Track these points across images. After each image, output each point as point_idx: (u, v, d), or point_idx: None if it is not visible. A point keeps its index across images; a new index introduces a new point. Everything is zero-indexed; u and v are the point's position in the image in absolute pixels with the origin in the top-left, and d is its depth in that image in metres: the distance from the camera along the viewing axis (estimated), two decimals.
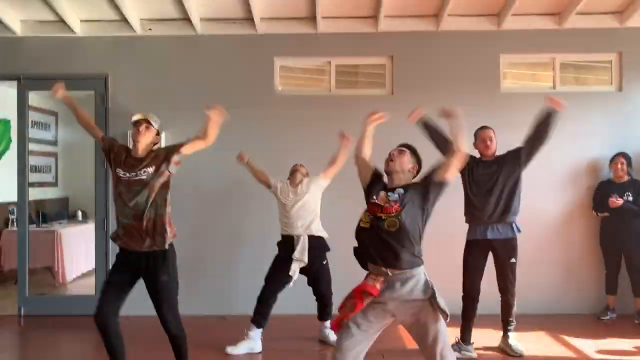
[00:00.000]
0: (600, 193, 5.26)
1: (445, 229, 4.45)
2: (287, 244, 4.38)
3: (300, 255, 4.28)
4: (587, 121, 5.43)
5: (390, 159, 2.98)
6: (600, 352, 4.10)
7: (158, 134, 3.48)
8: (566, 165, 5.43)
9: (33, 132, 7.07)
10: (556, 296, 5.30)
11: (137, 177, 3.27)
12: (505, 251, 4.11)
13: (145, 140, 3.37)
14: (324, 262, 4.43)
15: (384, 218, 2.72)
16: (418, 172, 3.00)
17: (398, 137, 5.33)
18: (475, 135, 4.29)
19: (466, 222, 4.25)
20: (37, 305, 5.42)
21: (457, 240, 4.30)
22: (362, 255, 2.82)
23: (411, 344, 3.04)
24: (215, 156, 4.66)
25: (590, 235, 5.40)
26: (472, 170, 4.17)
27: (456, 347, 3.97)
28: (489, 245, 4.15)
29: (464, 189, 4.22)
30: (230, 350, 4.23)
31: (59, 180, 8.56)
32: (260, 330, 4.31)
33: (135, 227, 3.25)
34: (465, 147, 2.90)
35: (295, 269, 4.28)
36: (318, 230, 4.41)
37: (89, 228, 5.83)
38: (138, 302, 3.65)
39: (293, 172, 4.57)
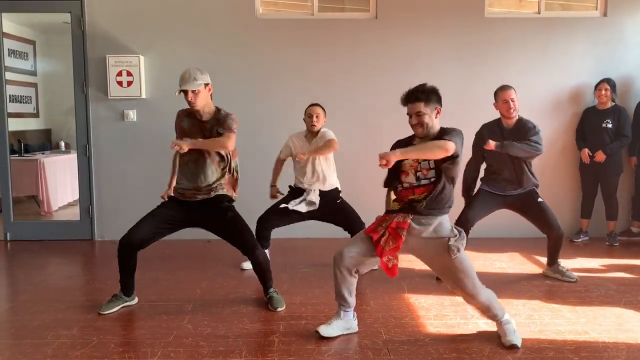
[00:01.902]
0: (583, 121, 5.32)
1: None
2: (296, 192, 4.25)
3: (314, 198, 4.16)
4: (572, 47, 5.42)
5: (415, 126, 2.85)
6: (569, 270, 4.27)
7: (207, 85, 3.29)
8: (550, 92, 5.44)
9: (10, 61, 6.91)
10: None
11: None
12: (527, 198, 4.00)
13: (200, 104, 3.27)
14: (338, 201, 4.28)
15: (416, 199, 2.82)
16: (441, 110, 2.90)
17: (382, 62, 5.35)
18: (496, 94, 4.00)
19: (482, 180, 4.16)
20: (22, 231, 5.48)
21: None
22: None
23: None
24: None
25: (572, 161, 5.49)
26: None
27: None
28: (506, 201, 4.03)
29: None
30: (246, 265, 4.27)
31: (40, 112, 8.46)
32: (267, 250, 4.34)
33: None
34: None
35: (308, 201, 4.17)
36: (332, 184, 4.26)
37: (73, 158, 5.81)
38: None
39: (310, 115, 4.20)
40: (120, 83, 5.25)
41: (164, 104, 5.21)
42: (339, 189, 4.32)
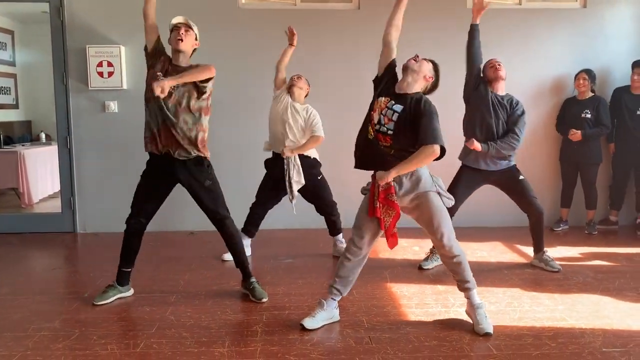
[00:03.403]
0: (564, 111, 5.39)
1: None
2: (276, 161, 4.26)
3: (298, 177, 4.20)
4: (552, 38, 5.47)
5: (414, 58, 2.98)
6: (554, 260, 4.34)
7: (196, 39, 3.34)
8: (532, 83, 5.49)
9: None
10: (515, 210, 5.49)
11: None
12: (509, 174, 4.05)
13: (185, 46, 3.26)
14: (319, 177, 4.33)
15: (380, 141, 2.88)
16: (431, 88, 2.99)
17: (364, 52, 5.34)
18: (484, 67, 4.12)
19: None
20: (2, 223, 5.40)
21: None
22: (364, 162, 2.98)
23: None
24: None
25: (553, 152, 5.56)
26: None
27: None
28: (488, 178, 4.08)
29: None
30: (227, 257, 4.23)
31: (20, 103, 8.34)
32: (250, 240, 4.41)
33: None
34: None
35: (294, 190, 4.19)
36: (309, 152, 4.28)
37: (54, 150, 5.74)
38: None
39: (290, 86, 4.29)
40: (100, 74, 5.19)
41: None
42: (318, 160, 4.35)
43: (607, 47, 5.50)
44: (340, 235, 4.44)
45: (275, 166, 4.24)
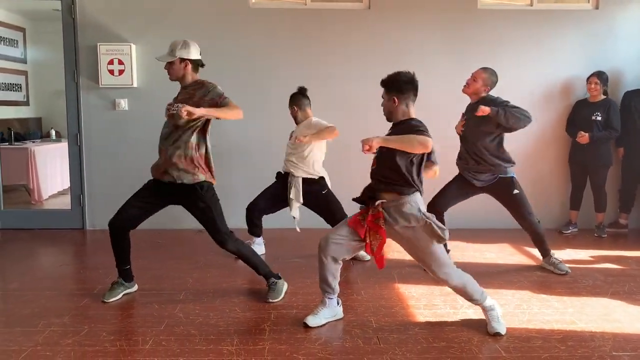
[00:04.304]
0: (574, 113, 5.36)
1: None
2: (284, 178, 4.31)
3: (296, 196, 4.22)
4: (563, 39, 5.44)
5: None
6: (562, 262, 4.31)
7: (183, 61, 3.27)
8: (542, 84, 5.46)
9: None
10: None
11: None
12: (503, 188, 3.97)
13: (175, 77, 3.33)
14: (324, 192, 4.28)
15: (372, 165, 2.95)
16: (397, 101, 2.91)
17: (374, 52, 5.35)
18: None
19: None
20: (13, 219, 5.45)
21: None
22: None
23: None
24: None
25: (562, 154, 5.53)
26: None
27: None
28: (482, 188, 4.02)
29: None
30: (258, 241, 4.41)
31: (30, 100, 8.40)
32: (261, 237, 4.47)
33: None
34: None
35: (294, 207, 4.24)
36: (318, 172, 4.27)
37: (64, 147, 5.77)
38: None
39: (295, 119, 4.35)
40: (111, 72, 5.21)
41: (156, 93, 5.19)
42: (325, 178, 4.32)
43: (618, 48, 5.46)
44: None
45: (283, 180, 4.30)
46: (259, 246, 4.43)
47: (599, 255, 4.60)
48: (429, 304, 3.40)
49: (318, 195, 4.26)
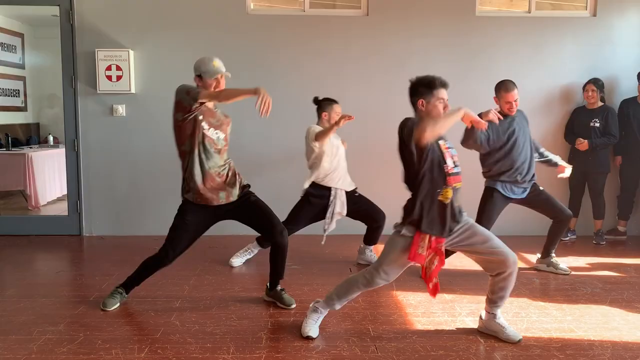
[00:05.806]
0: (573, 120, 5.36)
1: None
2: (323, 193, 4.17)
3: (341, 209, 4.17)
4: (561, 47, 5.44)
5: None
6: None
7: (199, 76, 3.46)
8: (540, 91, 5.46)
9: None
10: (522, 219, 5.47)
11: None
12: (532, 193, 4.10)
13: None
14: (356, 194, 4.27)
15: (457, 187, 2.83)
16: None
17: (373, 59, 5.35)
18: (498, 90, 4.03)
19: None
20: (9, 225, 5.42)
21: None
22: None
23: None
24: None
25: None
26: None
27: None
28: (514, 200, 4.10)
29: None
30: (234, 262, 4.33)
31: (28, 106, 8.39)
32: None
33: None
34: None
35: (334, 221, 4.20)
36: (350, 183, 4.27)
37: (61, 153, 5.75)
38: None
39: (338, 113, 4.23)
40: (109, 77, 5.21)
41: (154, 99, 5.19)
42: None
43: (616, 55, 5.47)
44: (372, 246, 4.42)
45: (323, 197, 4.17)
46: (254, 249, 4.41)
47: (598, 262, 4.59)
48: (426, 311, 3.38)
49: (355, 200, 4.26)
